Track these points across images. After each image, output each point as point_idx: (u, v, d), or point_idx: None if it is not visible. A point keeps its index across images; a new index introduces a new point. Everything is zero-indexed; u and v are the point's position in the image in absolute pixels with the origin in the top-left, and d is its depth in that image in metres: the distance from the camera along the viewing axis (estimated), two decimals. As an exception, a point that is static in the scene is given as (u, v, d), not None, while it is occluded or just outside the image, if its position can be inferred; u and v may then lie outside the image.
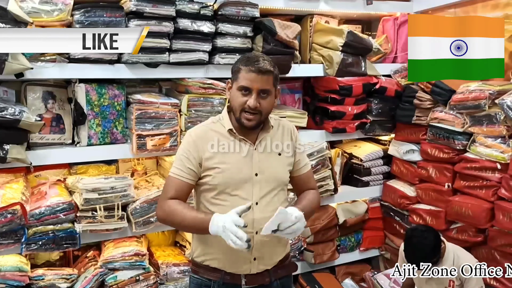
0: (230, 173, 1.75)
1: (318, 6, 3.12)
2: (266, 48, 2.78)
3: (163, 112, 2.60)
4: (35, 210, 2.29)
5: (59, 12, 2.34)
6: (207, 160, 1.76)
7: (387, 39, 3.41)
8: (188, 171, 1.77)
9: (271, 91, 1.76)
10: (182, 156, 1.79)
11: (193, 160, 1.77)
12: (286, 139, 1.87)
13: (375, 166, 3.38)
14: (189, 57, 2.64)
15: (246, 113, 1.73)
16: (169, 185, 1.80)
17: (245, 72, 1.72)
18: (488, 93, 2.64)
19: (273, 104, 1.81)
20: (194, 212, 1.75)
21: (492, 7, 3.06)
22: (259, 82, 1.71)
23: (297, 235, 1.75)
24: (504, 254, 2.62)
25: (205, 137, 1.79)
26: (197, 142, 1.78)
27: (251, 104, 1.71)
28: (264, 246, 1.77)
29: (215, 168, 1.75)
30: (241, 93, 1.73)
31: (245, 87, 1.72)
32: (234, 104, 1.77)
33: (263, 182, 1.78)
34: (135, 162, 2.88)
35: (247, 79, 1.71)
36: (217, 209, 1.73)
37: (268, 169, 1.80)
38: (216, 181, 1.75)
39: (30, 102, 2.51)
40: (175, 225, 1.87)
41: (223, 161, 1.76)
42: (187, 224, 1.74)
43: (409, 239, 2.48)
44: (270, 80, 1.74)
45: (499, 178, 2.63)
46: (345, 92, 3.07)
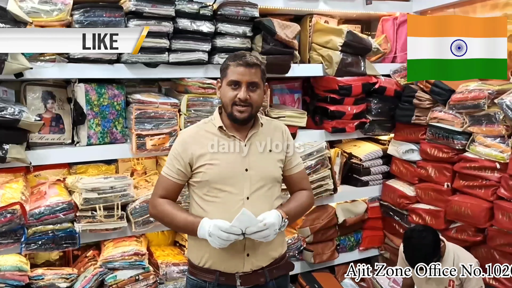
0: (221, 168, 1.79)
1: (317, 6, 3.12)
2: (266, 48, 2.78)
3: (162, 112, 2.60)
4: (34, 210, 2.29)
5: (59, 12, 2.34)
6: (198, 158, 1.80)
7: (386, 39, 3.42)
8: (177, 171, 1.84)
9: (260, 85, 1.81)
10: (172, 156, 1.86)
11: (181, 160, 1.82)
12: (277, 138, 1.90)
13: (374, 165, 3.38)
14: (188, 57, 2.64)
15: (237, 106, 1.77)
16: (160, 183, 1.88)
17: (233, 67, 1.78)
18: (487, 92, 2.64)
19: (262, 98, 1.85)
20: (184, 214, 1.82)
21: (491, 7, 3.06)
22: (247, 75, 1.76)
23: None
24: (503, 254, 2.62)
25: (195, 137, 1.84)
26: (187, 143, 1.83)
27: (241, 96, 1.76)
28: (256, 242, 1.77)
29: (206, 164, 1.80)
30: (231, 88, 1.78)
31: (235, 81, 1.77)
32: (224, 100, 1.81)
33: (254, 177, 1.81)
34: (135, 162, 2.89)
35: (236, 73, 1.77)
36: (210, 206, 1.79)
37: (258, 165, 1.83)
38: (207, 177, 1.79)
39: (29, 102, 2.51)
40: (165, 224, 1.91)
41: (215, 158, 1.80)
42: (177, 225, 1.85)
43: (408, 239, 2.48)
44: (258, 74, 1.80)
45: (498, 178, 2.63)
46: (345, 92, 3.07)
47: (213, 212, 1.78)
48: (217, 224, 1.68)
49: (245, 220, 1.66)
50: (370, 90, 3.20)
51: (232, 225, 1.66)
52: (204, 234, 1.71)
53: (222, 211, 1.77)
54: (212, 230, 1.68)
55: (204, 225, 1.72)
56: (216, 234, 1.67)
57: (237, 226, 1.66)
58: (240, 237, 1.67)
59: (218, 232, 1.66)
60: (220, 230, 1.66)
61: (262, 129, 1.88)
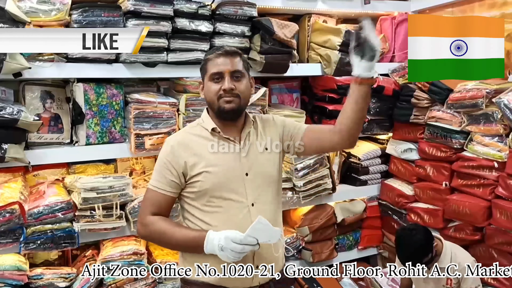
0: (220, 175, 1.64)
1: (316, 5, 3.13)
2: (264, 47, 2.78)
3: (161, 111, 2.60)
4: (33, 209, 2.29)
5: (57, 11, 2.34)
6: (192, 167, 1.65)
7: (384, 38, 3.42)
8: (170, 183, 1.66)
9: (244, 74, 1.69)
10: (161, 167, 1.68)
11: (173, 170, 1.65)
12: (272, 132, 1.77)
13: (373, 165, 3.39)
14: (187, 56, 2.64)
15: (224, 98, 1.64)
16: (149, 199, 1.68)
17: (212, 60, 1.66)
18: (485, 92, 2.65)
19: (249, 89, 1.72)
20: (184, 230, 1.64)
21: (489, 6, 3.06)
22: (229, 64, 1.64)
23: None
24: (501, 252, 2.63)
25: (185, 143, 1.68)
26: (177, 150, 1.67)
27: (226, 87, 1.63)
28: (263, 252, 1.63)
29: (203, 172, 1.64)
30: (213, 82, 1.66)
31: (216, 73, 1.65)
32: (209, 96, 1.68)
33: (255, 180, 1.68)
34: (134, 161, 2.89)
35: (216, 65, 1.65)
36: (212, 217, 1.63)
37: (257, 166, 1.69)
38: (206, 185, 1.63)
39: (28, 102, 2.52)
40: (161, 244, 1.76)
41: (211, 164, 1.64)
42: (177, 243, 1.64)
43: (398, 239, 2.49)
44: (240, 62, 1.68)
45: (496, 177, 2.63)
46: (343, 91, 3.07)
47: (217, 223, 1.61)
48: (229, 236, 1.50)
49: (261, 229, 1.50)
50: (369, 90, 3.20)
51: (247, 235, 1.50)
52: (214, 249, 1.53)
53: (227, 221, 1.61)
54: (224, 244, 1.50)
55: (211, 238, 1.54)
56: (229, 247, 1.49)
57: (252, 236, 1.50)
58: (256, 247, 1.51)
59: (231, 244, 1.49)
60: (233, 243, 1.49)
61: (254, 126, 1.75)
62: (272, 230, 1.54)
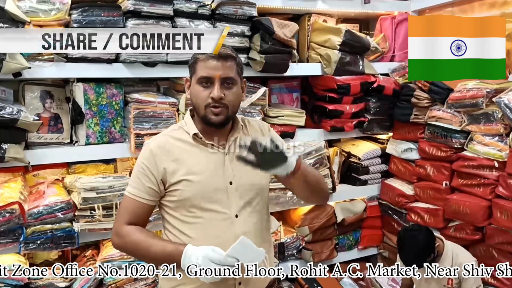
0: (201, 184, 1.51)
1: (316, 5, 3.12)
2: (264, 47, 2.78)
3: (161, 111, 2.60)
4: (33, 209, 2.29)
5: (57, 11, 2.34)
6: (172, 173, 1.52)
7: (384, 38, 3.42)
8: (147, 190, 1.54)
9: (236, 81, 1.54)
10: (139, 173, 1.55)
11: (151, 177, 1.53)
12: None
13: (373, 164, 3.39)
14: (187, 56, 2.63)
15: (211, 108, 1.49)
16: (126, 207, 1.56)
17: (203, 61, 1.51)
18: (485, 91, 2.65)
19: (240, 97, 1.58)
20: (161, 242, 1.51)
21: (489, 5, 3.06)
22: (220, 69, 1.49)
23: None
24: (501, 252, 2.63)
25: (165, 148, 1.54)
26: (157, 155, 1.53)
27: (214, 95, 1.47)
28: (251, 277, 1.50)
29: (183, 180, 1.51)
30: (202, 86, 1.50)
31: (206, 77, 1.49)
32: (196, 101, 1.53)
33: (240, 190, 1.55)
34: (133, 161, 2.88)
35: (206, 68, 1.49)
36: (192, 229, 1.52)
37: (243, 175, 1.55)
38: (186, 194, 1.51)
39: (28, 102, 2.52)
40: (137, 257, 1.65)
41: (191, 172, 1.52)
42: (154, 257, 1.50)
43: (400, 240, 2.48)
44: (233, 67, 1.53)
45: (496, 176, 2.63)
46: (343, 91, 3.08)
47: (197, 236, 1.50)
48: (208, 255, 1.38)
49: (243, 249, 1.37)
50: (369, 89, 3.20)
51: (227, 255, 1.37)
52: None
53: (208, 234, 1.50)
54: (201, 264, 1.37)
55: (189, 254, 1.41)
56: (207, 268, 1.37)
57: (233, 256, 1.37)
58: (236, 269, 1.38)
59: (210, 265, 1.36)
60: (212, 262, 1.36)
61: (243, 132, 1.62)
62: (256, 251, 1.40)
